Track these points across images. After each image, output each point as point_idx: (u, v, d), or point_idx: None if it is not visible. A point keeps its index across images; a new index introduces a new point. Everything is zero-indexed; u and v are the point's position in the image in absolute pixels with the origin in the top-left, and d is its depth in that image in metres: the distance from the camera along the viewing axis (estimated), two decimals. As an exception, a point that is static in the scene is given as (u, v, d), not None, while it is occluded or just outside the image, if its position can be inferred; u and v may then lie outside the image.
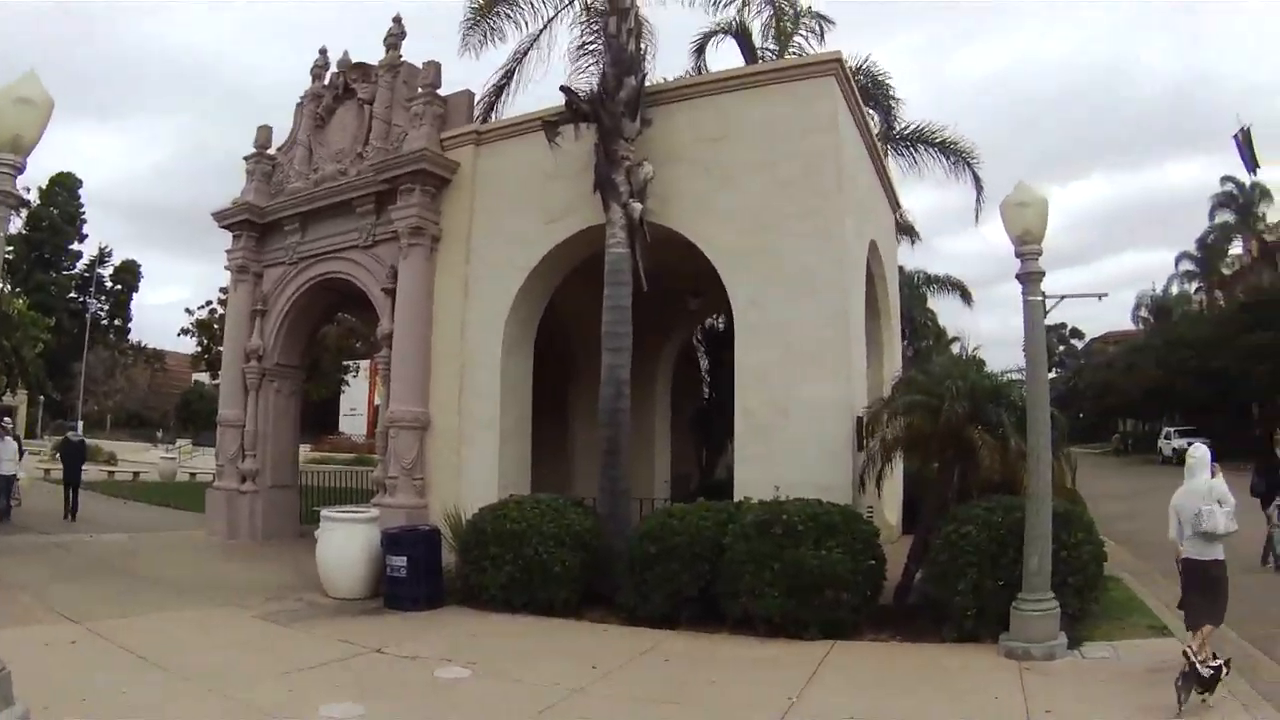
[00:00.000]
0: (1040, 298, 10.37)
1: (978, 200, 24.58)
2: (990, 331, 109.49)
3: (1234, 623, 9.30)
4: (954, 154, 24.59)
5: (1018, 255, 10.12)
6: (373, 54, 18.14)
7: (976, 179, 24.57)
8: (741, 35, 22.08)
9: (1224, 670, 7.58)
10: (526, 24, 16.49)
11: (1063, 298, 44.43)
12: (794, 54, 21.24)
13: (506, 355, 15.53)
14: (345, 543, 13.52)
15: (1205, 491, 8.58)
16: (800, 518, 10.70)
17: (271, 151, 19.77)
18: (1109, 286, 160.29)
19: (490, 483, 14.75)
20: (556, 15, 16.45)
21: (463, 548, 12.88)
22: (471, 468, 15.23)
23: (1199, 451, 9.18)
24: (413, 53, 17.65)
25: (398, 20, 17.69)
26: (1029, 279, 10.12)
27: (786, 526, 10.62)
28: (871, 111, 22.02)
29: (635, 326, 13.90)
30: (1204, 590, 8.44)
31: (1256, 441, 46.97)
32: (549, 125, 14.34)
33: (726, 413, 14.14)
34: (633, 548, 11.69)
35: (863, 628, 10.70)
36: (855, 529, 10.93)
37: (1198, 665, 7.46)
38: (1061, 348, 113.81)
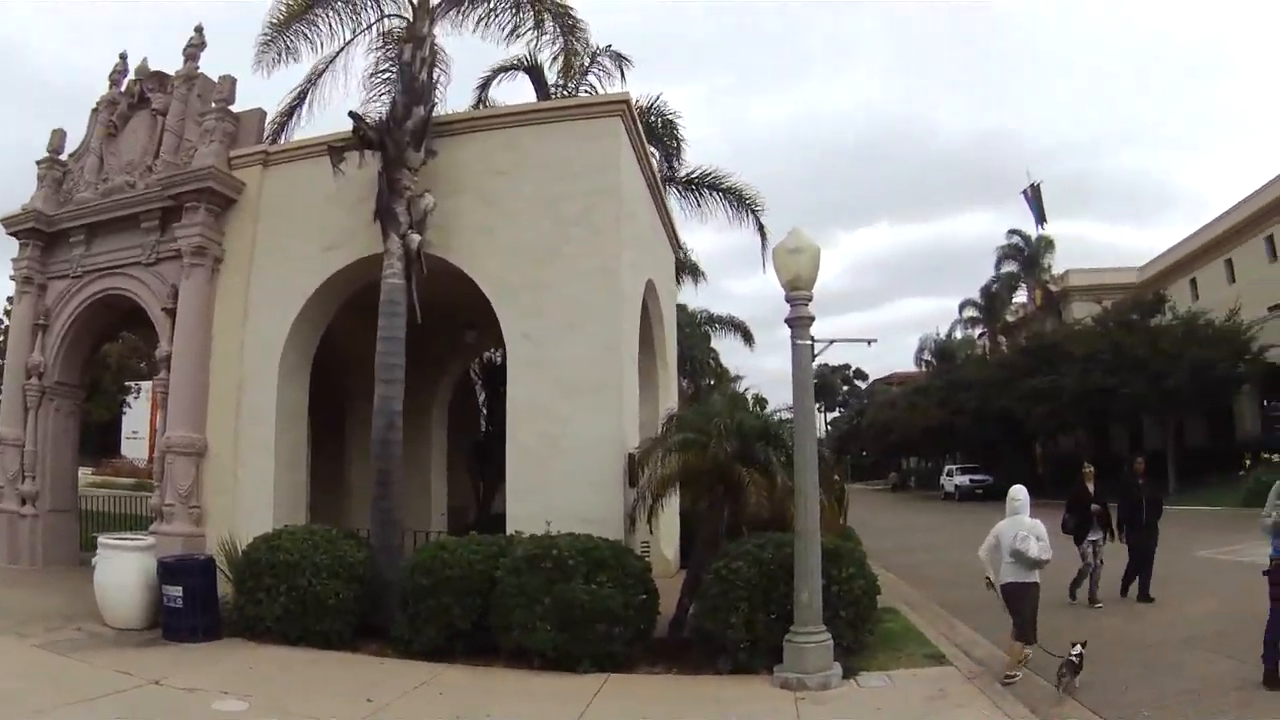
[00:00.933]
0: (808, 341, 10.71)
1: (762, 246, 24.94)
2: (777, 370, 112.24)
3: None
4: (737, 200, 25.30)
5: (788, 300, 10.42)
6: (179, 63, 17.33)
7: (760, 225, 25.28)
8: (534, 71, 22.16)
9: (1068, 664, 9.20)
10: (323, 45, 16.11)
11: (832, 342, 46.33)
12: (586, 92, 21.64)
13: (284, 382, 15.09)
14: (122, 571, 12.88)
15: (1029, 525, 10.12)
16: (570, 552, 10.71)
17: (64, 157, 18.66)
18: (893, 330, 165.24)
19: (266, 512, 14.28)
20: (354, 39, 16.13)
21: (238, 578, 12.45)
22: (248, 496, 14.71)
23: (1021, 493, 10.65)
24: (215, 65, 17.06)
25: (199, 30, 16.98)
26: (798, 323, 10.40)
27: (557, 561, 10.62)
28: (655, 150, 22.51)
29: (412, 358, 13.83)
30: (1019, 608, 10.03)
31: (1070, 479, 48.80)
32: (334, 150, 14.04)
33: (503, 445, 14.05)
34: (405, 580, 11.53)
35: (637, 661, 10.73)
36: (626, 563, 10.99)
37: (1067, 657, 9.26)
38: (846, 388, 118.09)
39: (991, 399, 47.77)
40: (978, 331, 64.72)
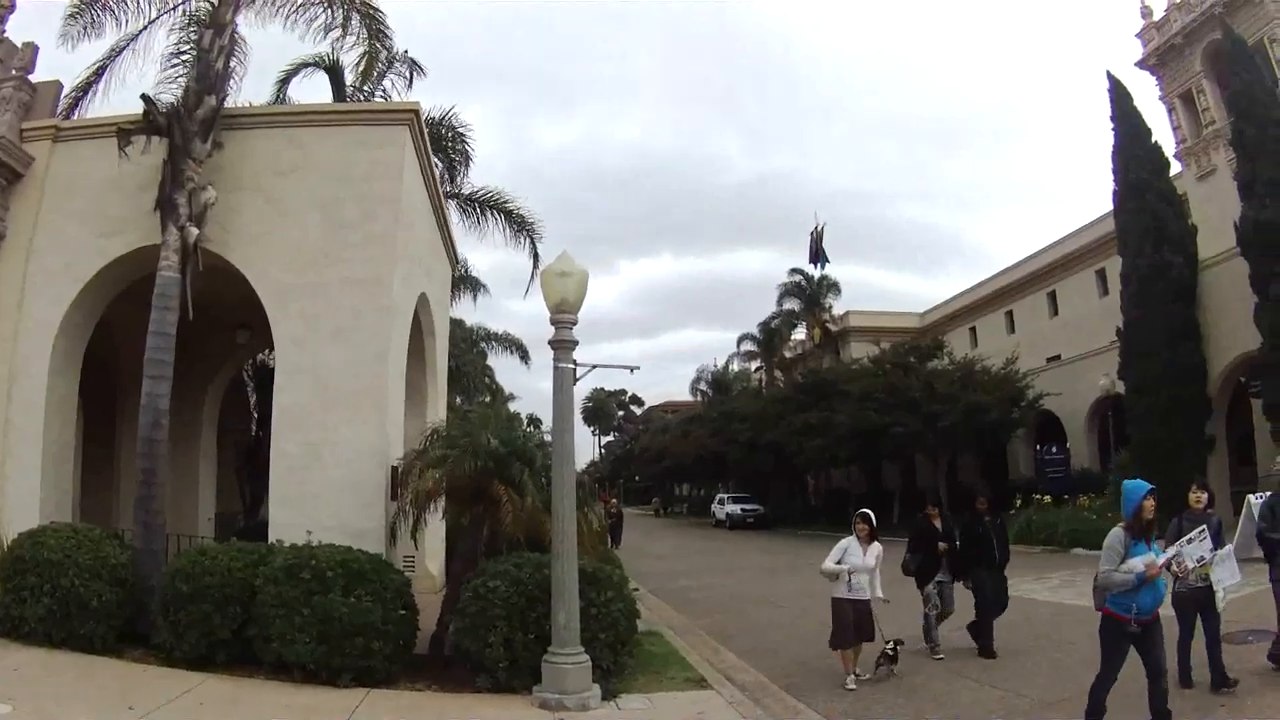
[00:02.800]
0: (571, 365, 10.83)
1: (534, 270, 24.58)
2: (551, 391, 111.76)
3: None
4: (518, 223, 25.15)
5: (553, 323, 10.47)
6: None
7: (535, 249, 25.19)
8: (334, 71, 21.40)
9: (885, 655, 11.38)
10: (129, 22, 15.11)
11: (594, 366, 46.34)
12: (381, 97, 21.17)
13: (55, 373, 13.88)
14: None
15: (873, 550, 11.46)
16: (330, 564, 10.48)
17: None
18: (670, 360, 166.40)
19: (33, 506, 13.17)
20: (159, 17, 15.24)
21: (4, 575, 11.44)
22: (16, 490, 13.46)
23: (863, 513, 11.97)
24: (25, 34, 15.74)
25: (6, -10, 15.50)
26: (561, 346, 10.48)
27: (316, 572, 10.37)
28: (439, 163, 22.31)
29: (184, 356, 13.31)
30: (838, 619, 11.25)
31: (842, 511, 49.57)
32: (122, 133, 13.10)
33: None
34: (166, 586, 11.03)
35: (398, 676, 10.61)
36: (385, 577, 10.85)
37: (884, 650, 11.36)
38: (621, 413, 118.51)
39: (764, 431, 48.35)
40: (754, 365, 65.67)
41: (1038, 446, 39.65)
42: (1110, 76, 31.42)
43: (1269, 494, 11.52)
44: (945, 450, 41.00)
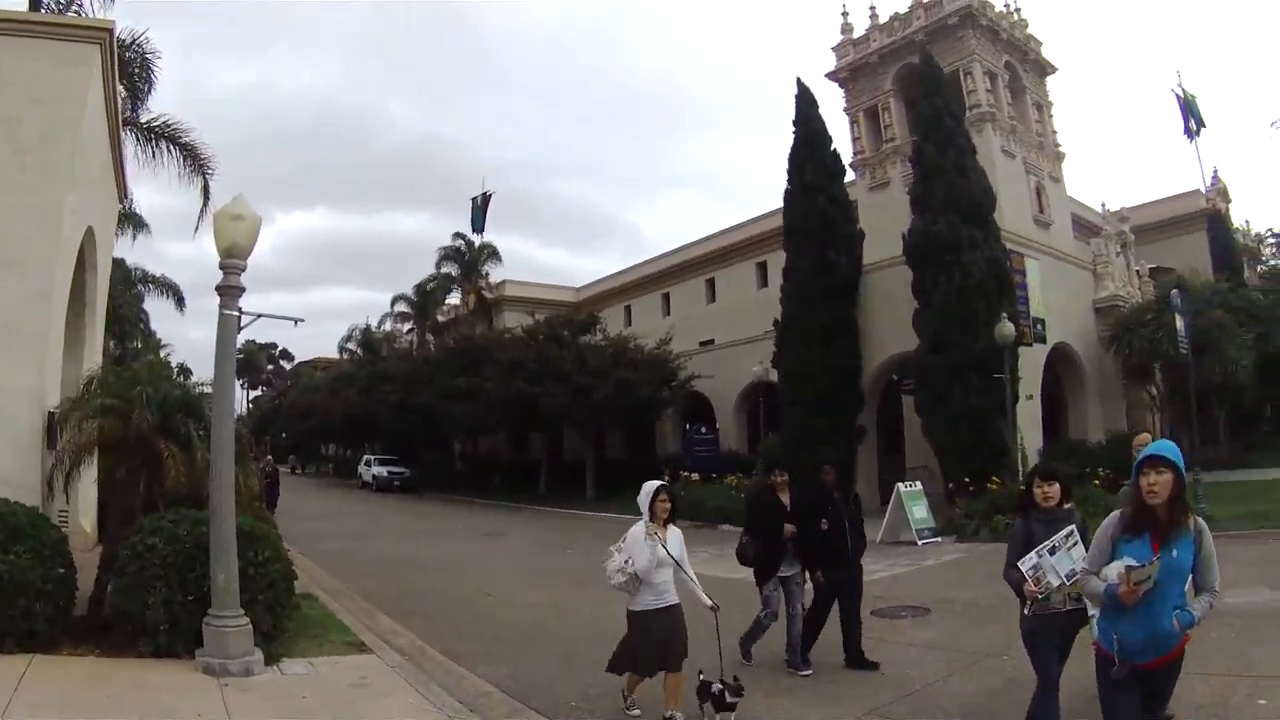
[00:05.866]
0: (236, 313, 10.01)
1: (203, 209, 22.70)
2: (201, 342, 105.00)
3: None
4: (193, 158, 22.68)
5: (222, 268, 9.60)
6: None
7: (206, 188, 22.89)
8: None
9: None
10: None
11: (259, 316, 43.19)
12: (76, 11, 18.86)
13: None
14: None
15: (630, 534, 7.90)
16: None
17: None
18: (323, 315, 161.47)
19: None
20: None
21: None
22: None
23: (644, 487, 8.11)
24: None
25: None
26: (229, 292, 9.65)
27: None
28: (122, 87, 19.39)
29: None
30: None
31: (487, 477, 48.32)
32: None
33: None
34: None
35: (61, 641, 9.35)
36: (44, 533, 9.55)
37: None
38: (271, 367, 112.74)
39: (414, 393, 46.56)
40: (407, 327, 63.26)
41: (687, 425, 39.84)
42: (800, 83, 31.85)
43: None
44: (595, 424, 40.57)
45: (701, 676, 7.54)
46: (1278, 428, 39.68)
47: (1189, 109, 49.14)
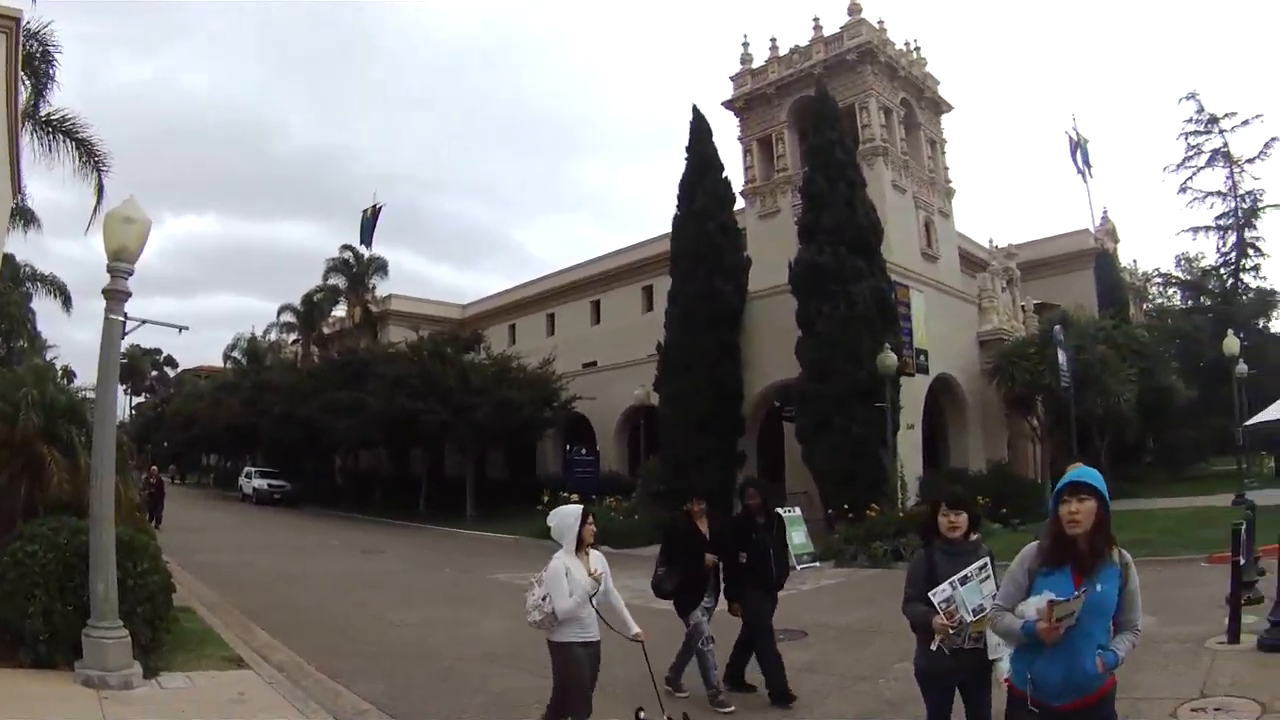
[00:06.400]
0: (121, 318, 9.86)
1: (96, 207, 21.62)
2: (86, 345, 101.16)
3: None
4: (89, 154, 21.91)
5: (110, 271, 9.37)
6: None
7: (101, 186, 22.06)
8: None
9: None
10: None
11: (144, 321, 41.96)
12: None
13: None
14: None
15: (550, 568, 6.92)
16: None
17: None
18: (207, 323, 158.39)
19: None
20: None
21: None
22: None
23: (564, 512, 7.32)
24: None
25: None
26: (115, 296, 9.43)
27: None
28: (25, 78, 18.99)
29: None
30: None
31: (366, 492, 47.35)
32: None
33: None
34: None
35: None
36: None
37: None
38: (155, 373, 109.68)
39: (297, 406, 45.45)
40: (292, 337, 61.86)
41: (567, 446, 39.42)
42: (695, 110, 31.92)
43: None
44: (476, 442, 40.02)
45: (642, 715, 6.78)
46: (1159, 460, 40.80)
47: (1081, 151, 50.44)
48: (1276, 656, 9.17)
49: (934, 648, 5.55)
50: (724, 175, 31.58)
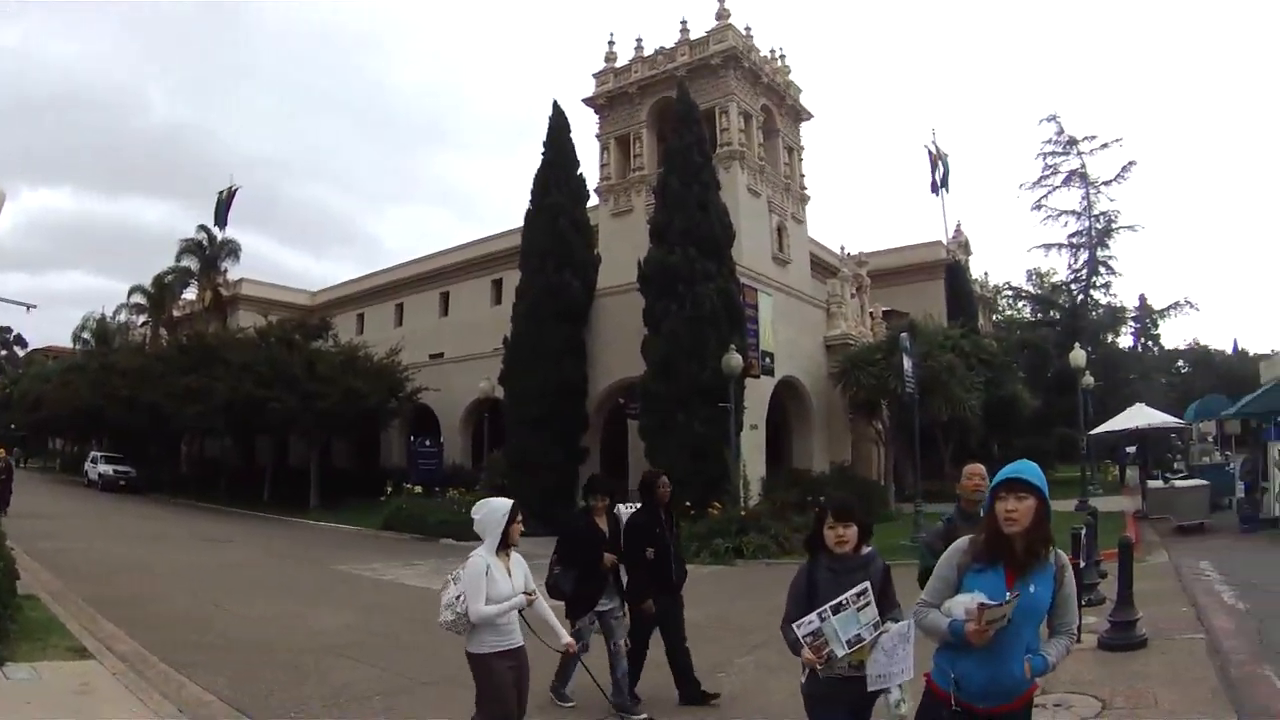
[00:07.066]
0: None
1: None
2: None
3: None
4: None
5: None
6: None
7: None
8: None
9: None
10: None
11: None
12: None
13: None
14: None
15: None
16: None
17: None
18: (60, 301, 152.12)
19: None
20: None
21: None
22: None
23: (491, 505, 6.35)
24: None
25: None
26: None
27: None
28: None
29: None
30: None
31: (210, 481, 46.07)
32: None
33: None
34: None
35: None
36: None
37: None
38: (4, 353, 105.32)
39: (144, 390, 43.85)
40: (141, 320, 59.91)
41: (412, 437, 39.10)
42: (555, 105, 31.77)
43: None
44: (321, 431, 39.41)
45: None
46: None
47: (941, 165, 51.73)
48: (1116, 655, 9.65)
49: (804, 680, 4.91)
50: (579, 172, 31.55)
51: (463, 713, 6.32)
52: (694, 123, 28.28)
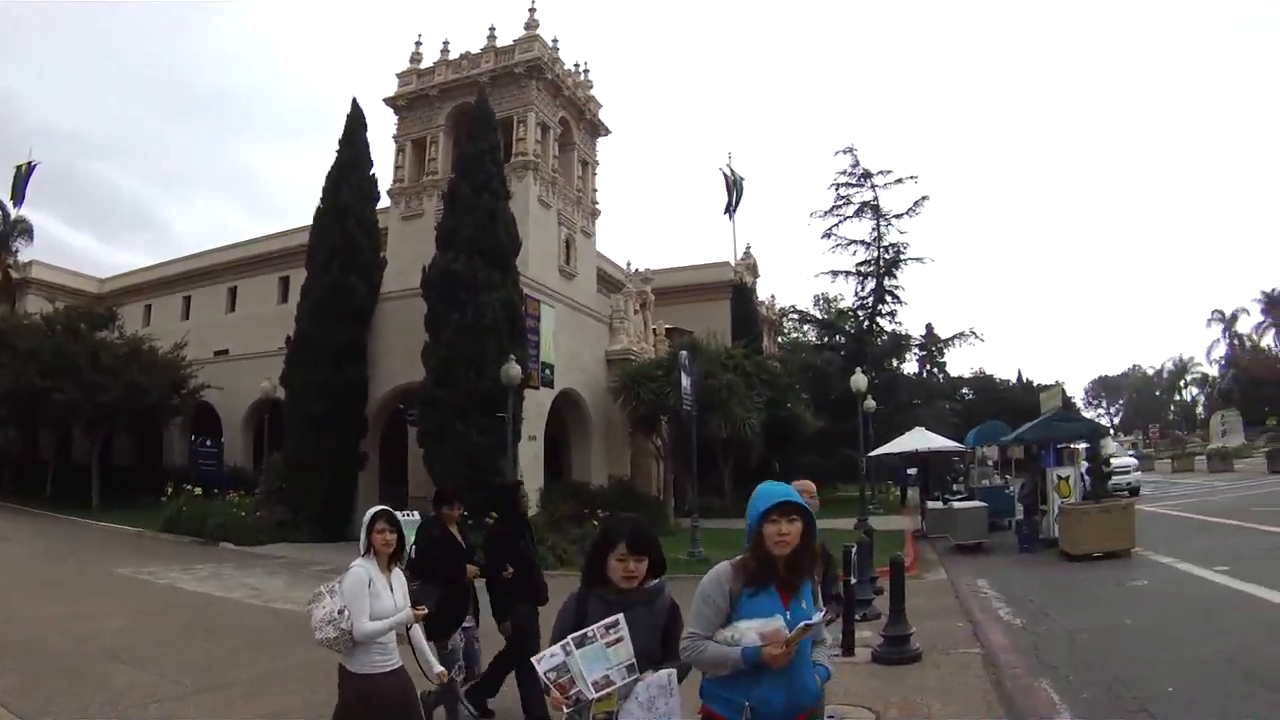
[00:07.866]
0: None
1: None
2: None
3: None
4: None
5: None
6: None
7: None
8: None
9: None
10: None
11: None
12: None
13: None
14: None
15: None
16: None
17: None
18: None
19: None
20: None
21: None
22: None
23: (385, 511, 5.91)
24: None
25: None
26: None
27: None
28: None
29: None
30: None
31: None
32: None
33: None
34: None
35: None
36: None
37: None
38: None
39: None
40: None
41: (194, 437, 37.99)
42: (355, 103, 31.37)
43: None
44: (104, 426, 37.43)
45: None
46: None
47: (735, 189, 53.26)
48: (890, 669, 10.06)
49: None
50: (372, 172, 31.27)
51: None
52: (490, 130, 28.45)
